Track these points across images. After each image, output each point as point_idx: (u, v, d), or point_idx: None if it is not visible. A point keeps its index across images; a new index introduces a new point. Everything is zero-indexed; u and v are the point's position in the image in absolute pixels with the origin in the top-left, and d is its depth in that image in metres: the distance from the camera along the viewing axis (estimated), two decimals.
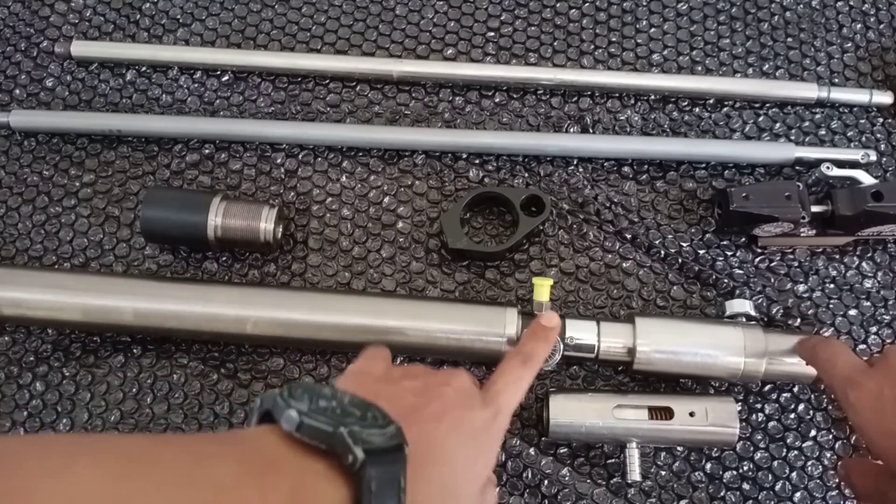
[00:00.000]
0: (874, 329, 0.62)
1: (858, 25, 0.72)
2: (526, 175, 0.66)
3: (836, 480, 0.59)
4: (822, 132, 0.68)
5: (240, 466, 0.31)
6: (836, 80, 0.70)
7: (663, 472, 0.59)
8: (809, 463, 0.59)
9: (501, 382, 0.44)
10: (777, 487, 0.59)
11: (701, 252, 0.64)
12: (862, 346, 0.62)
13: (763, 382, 0.60)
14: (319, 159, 0.67)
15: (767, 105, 0.69)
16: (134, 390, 0.61)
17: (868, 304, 0.63)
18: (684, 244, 0.64)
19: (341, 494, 0.32)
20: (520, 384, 0.45)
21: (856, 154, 0.65)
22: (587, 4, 0.72)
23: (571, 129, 0.68)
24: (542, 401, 0.57)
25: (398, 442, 0.34)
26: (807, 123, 0.68)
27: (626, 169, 0.67)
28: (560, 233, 0.65)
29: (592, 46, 0.71)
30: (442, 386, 0.42)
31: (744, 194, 0.60)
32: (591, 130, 0.68)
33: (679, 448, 0.59)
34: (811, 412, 0.60)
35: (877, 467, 0.51)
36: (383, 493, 0.32)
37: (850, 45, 0.71)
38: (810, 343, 0.55)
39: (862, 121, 0.68)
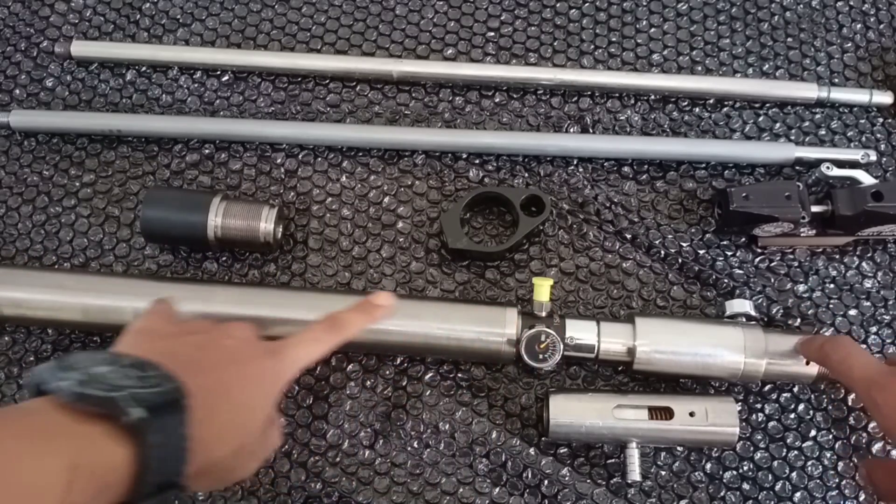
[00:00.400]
0: (874, 329, 0.62)
1: (858, 25, 0.72)
2: (526, 175, 0.66)
3: (836, 480, 0.59)
4: (822, 132, 0.68)
5: (17, 441, 0.33)
6: (836, 80, 0.70)
7: (663, 472, 0.59)
8: (809, 463, 0.59)
9: (297, 338, 0.47)
10: (777, 487, 0.59)
11: (701, 252, 0.64)
12: (862, 346, 0.62)
13: (763, 382, 0.60)
14: (319, 159, 0.67)
15: (767, 105, 0.69)
16: None
17: (868, 304, 0.63)
18: (684, 244, 0.64)
19: (124, 452, 0.34)
20: (317, 345, 0.48)
21: (856, 154, 0.65)
22: (587, 4, 0.72)
23: (571, 129, 0.68)
24: (542, 401, 0.57)
25: (176, 397, 0.36)
26: (807, 123, 0.68)
27: (626, 169, 0.67)
28: (560, 233, 0.65)
29: (592, 46, 0.71)
30: (224, 338, 0.45)
31: (744, 194, 0.60)
32: (591, 130, 0.68)
33: (679, 448, 0.59)
34: (811, 412, 0.60)
35: (893, 466, 0.52)
36: (166, 444, 0.35)
37: (850, 45, 0.71)
38: (816, 343, 0.55)
39: (862, 121, 0.68)
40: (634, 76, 0.68)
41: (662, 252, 0.64)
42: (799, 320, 0.62)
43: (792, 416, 0.60)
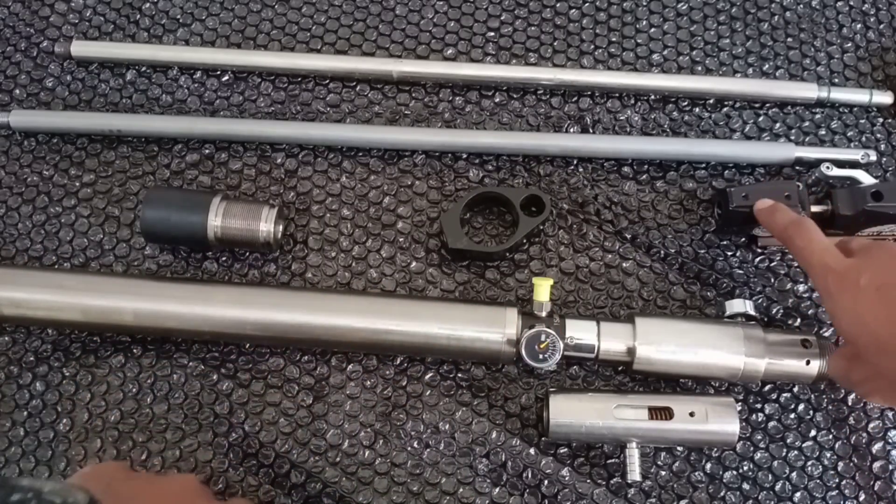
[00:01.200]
0: None
1: (858, 25, 0.72)
2: (526, 175, 0.66)
3: (837, 480, 0.59)
4: (822, 132, 0.68)
5: None
6: (836, 80, 0.70)
7: (663, 472, 0.59)
8: (809, 463, 0.59)
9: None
10: (777, 487, 0.59)
11: (701, 252, 0.64)
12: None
13: (763, 382, 0.60)
14: (319, 159, 0.67)
15: (767, 105, 0.69)
16: (134, 390, 0.61)
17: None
18: (684, 244, 0.64)
19: None
20: None
21: (856, 154, 0.65)
22: (587, 4, 0.72)
23: (571, 129, 0.68)
24: (542, 401, 0.57)
25: None
26: (807, 123, 0.68)
27: (626, 169, 0.67)
28: (560, 233, 0.65)
29: (592, 46, 0.71)
30: (167, 485, 0.48)
31: (744, 194, 0.60)
32: (591, 130, 0.68)
33: (679, 448, 0.59)
34: (811, 412, 0.60)
35: (846, 351, 0.53)
36: None
37: (850, 45, 0.71)
38: (780, 221, 0.55)
39: (862, 121, 0.68)
40: (634, 76, 0.68)
41: (662, 252, 0.64)
42: (799, 320, 0.62)
43: (792, 416, 0.60)
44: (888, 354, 0.46)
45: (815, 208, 0.60)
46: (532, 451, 0.59)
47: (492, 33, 0.71)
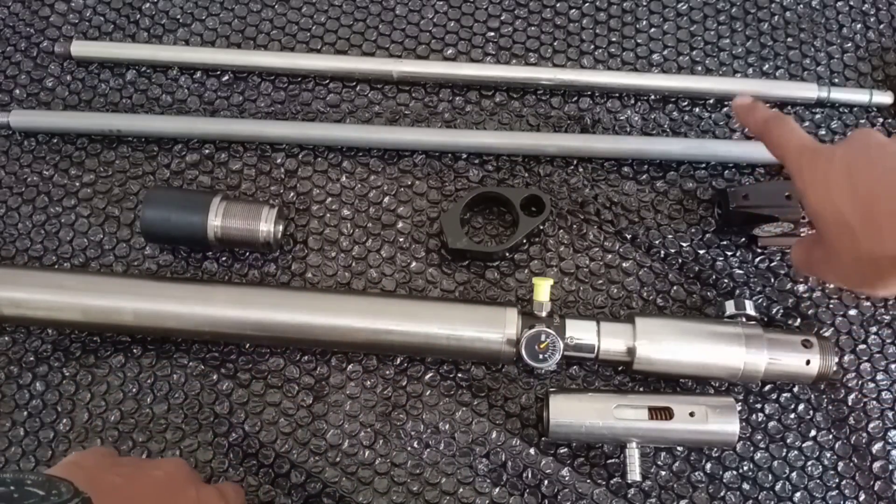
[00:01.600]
0: (874, 329, 0.62)
1: (858, 25, 0.72)
2: (526, 175, 0.66)
3: (837, 480, 0.59)
4: (822, 132, 0.68)
5: None
6: (836, 80, 0.70)
7: (663, 472, 0.59)
8: (809, 463, 0.59)
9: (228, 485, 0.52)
10: (777, 487, 0.59)
11: (701, 252, 0.64)
12: (862, 346, 0.62)
13: (763, 382, 0.60)
14: (319, 159, 0.67)
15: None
16: (134, 390, 0.61)
17: (868, 304, 0.63)
18: (684, 244, 0.64)
19: None
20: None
21: None
22: (587, 4, 0.72)
23: (571, 129, 0.68)
24: (542, 401, 0.57)
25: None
26: (807, 123, 0.68)
27: (626, 169, 0.67)
28: (560, 233, 0.65)
29: (592, 46, 0.71)
30: (153, 470, 0.47)
31: (744, 194, 0.60)
32: (591, 130, 0.68)
33: (679, 448, 0.59)
34: (811, 412, 0.60)
35: (811, 236, 0.53)
36: None
37: (850, 45, 0.71)
38: (759, 115, 0.54)
39: (862, 121, 0.68)
40: (634, 76, 0.68)
41: (662, 252, 0.64)
42: (799, 320, 0.62)
43: (792, 416, 0.60)
44: (850, 235, 0.45)
45: None
46: (532, 451, 0.59)
47: (492, 33, 0.71)
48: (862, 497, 0.58)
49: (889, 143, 0.47)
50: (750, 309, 0.58)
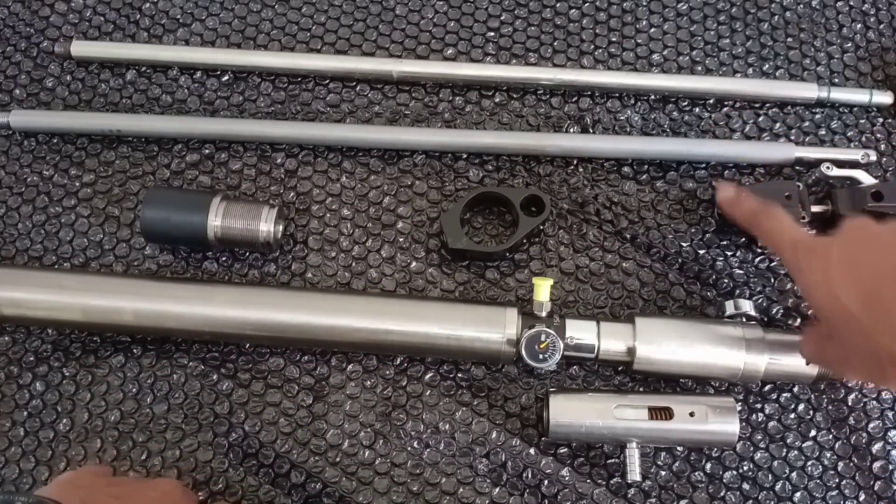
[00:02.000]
0: None
1: (858, 25, 0.72)
2: (526, 175, 0.66)
3: (837, 480, 0.59)
4: (822, 132, 0.68)
5: None
6: (836, 80, 0.70)
7: (663, 472, 0.59)
8: (809, 463, 0.59)
9: None
10: (777, 487, 0.59)
11: (701, 252, 0.64)
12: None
13: (763, 382, 0.60)
14: (319, 159, 0.67)
15: (767, 105, 0.69)
16: (134, 390, 0.61)
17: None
18: (684, 244, 0.64)
19: None
20: None
21: (856, 154, 0.65)
22: (587, 4, 0.72)
23: (571, 129, 0.68)
24: (542, 401, 0.57)
25: None
26: (807, 123, 0.68)
27: (626, 169, 0.67)
28: (560, 233, 0.65)
29: (592, 46, 0.71)
30: (146, 491, 0.47)
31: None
32: (591, 130, 0.68)
33: (679, 448, 0.59)
34: (811, 412, 0.60)
35: (820, 333, 0.52)
36: None
37: (850, 45, 0.71)
38: (747, 205, 0.55)
39: (862, 121, 0.68)
40: (634, 76, 0.68)
41: (662, 252, 0.64)
42: (799, 320, 0.62)
43: (792, 416, 0.60)
44: (860, 330, 0.44)
45: (815, 208, 0.60)
46: (532, 451, 0.59)
47: (492, 33, 0.71)
48: (862, 497, 0.58)
49: (884, 231, 0.46)
50: (750, 309, 0.58)
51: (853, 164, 0.64)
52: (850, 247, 0.46)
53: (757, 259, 0.64)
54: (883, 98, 0.67)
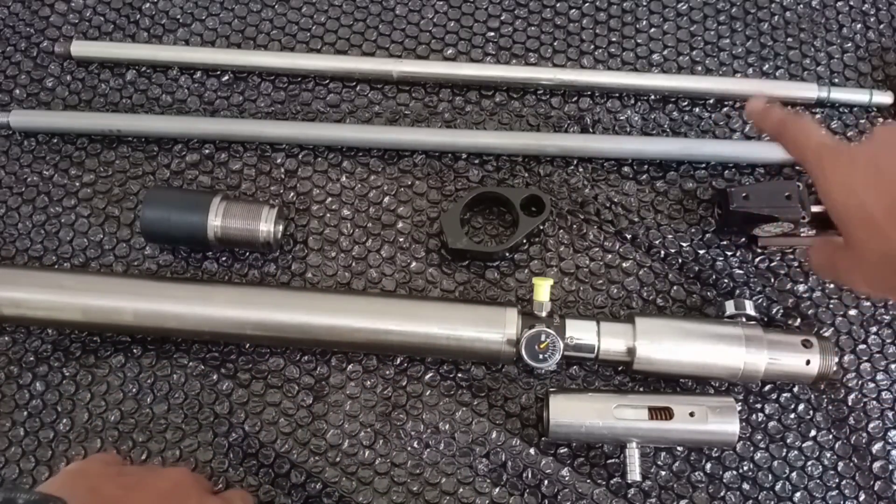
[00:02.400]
0: (874, 329, 0.62)
1: (858, 25, 0.72)
2: (526, 175, 0.66)
3: (837, 480, 0.59)
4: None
5: None
6: (836, 80, 0.70)
7: (663, 472, 0.59)
8: (809, 463, 0.59)
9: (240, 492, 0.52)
10: (777, 487, 0.59)
11: (701, 252, 0.64)
12: (862, 346, 0.62)
13: (763, 382, 0.60)
14: (319, 159, 0.67)
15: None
16: (134, 390, 0.61)
17: (868, 304, 0.63)
18: (684, 244, 0.64)
19: None
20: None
21: None
22: (587, 4, 0.72)
23: (571, 129, 0.68)
24: (542, 401, 0.57)
25: None
26: None
27: (626, 169, 0.67)
28: (560, 233, 0.65)
29: (592, 46, 0.71)
30: (157, 480, 0.47)
31: (744, 194, 0.60)
32: (591, 130, 0.68)
33: (679, 448, 0.59)
34: (811, 412, 0.60)
35: (832, 240, 0.51)
36: None
37: (850, 45, 0.71)
38: (775, 114, 0.52)
39: (862, 121, 0.68)
40: (634, 76, 0.68)
41: (662, 252, 0.64)
42: (799, 320, 0.62)
43: (792, 416, 0.60)
44: (878, 233, 0.43)
45: (815, 208, 0.60)
46: (532, 451, 0.59)
47: (492, 33, 0.71)
48: (862, 497, 0.58)
49: None
50: (750, 309, 0.58)
51: None
52: (879, 151, 0.45)
53: (757, 259, 0.64)
54: (883, 98, 0.67)
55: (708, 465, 0.59)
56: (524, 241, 0.63)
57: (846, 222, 0.46)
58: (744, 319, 0.58)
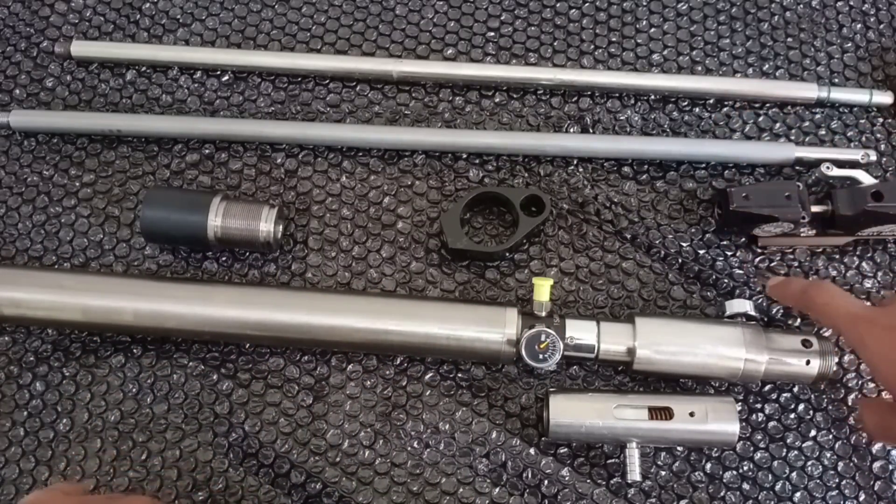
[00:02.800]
0: None
1: (858, 25, 0.72)
2: (526, 175, 0.66)
3: (837, 480, 0.59)
4: (822, 132, 0.68)
5: None
6: (836, 80, 0.70)
7: (663, 472, 0.59)
8: (809, 463, 0.59)
9: None
10: (777, 487, 0.59)
11: (701, 252, 0.64)
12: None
13: (763, 382, 0.60)
14: (319, 159, 0.67)
15: (767, 105, 0.69)
16: (134, 390, 0.61)
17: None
18: (684, 244, 0.64)
19: None
20: None
21: (856, 154, 0.65)
22: (587, 4, 0.72)
23: (571, 129, 0.68)
24: (542, 401, 0.57)
25: None
26: (807, 123, 0.68)
27: (626, 169, 0.67)
28: (560, 233, 0.65)
29: (592, 46, 0.71)
30: None
31: (744, 194, 0.60)
32: (591, 130, 0.68)
33: (679, 448, 0.59)
34: (811, 412, 0.60)
35: (889, 404, 0.52)
36: None
37: (850, 45, 0.71)
38: (796, 287, 0.54)
39: (862, 121, 0.68)
40: (634, 76, 0.68)
41: (662, 252, 0.64)
42: (799, 320, 0.62)
43: (792, 416, 0.60)
44: None
45: (815, 208, 0.60)
46: (532, 451, 0.59)
47: (492, 33, 0.71)
48: (862, 497, 0.58)
49: None
50: (750, 309, 0.58)
51: (853, 164, 0.64)
52: None
53: (757, 259, 0.64)
54: (883, 98, 0.67)
55: (708, 465, 0.59)
56: (524, 241, 0.63)
57: None
58: (744, 319, 0.58)
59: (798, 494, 0.58)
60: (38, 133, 0.68)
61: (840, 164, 0.63)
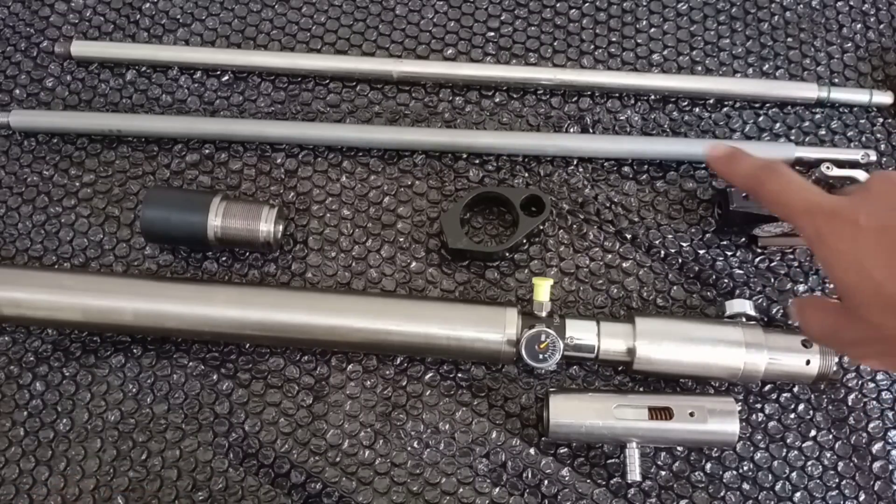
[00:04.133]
0: None
1: (858, 25, 0.72)
2: (526, 175, 0.66)
3: (837, 480, 0.59)
4: (822, 132, 0.68)
5: None
6: (836, 80, 0.70)
7: (663, 472, 0.59)
8: (809, 463, 0.59)
9: None
10: (777, 487, 0.59)
11: (701, 252, 0.64)
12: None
13: (763, 382, 0.60)
14: (319, 159, 0.67)
15: (767, 105, 0.69)
16: (134, 390, 0.61)
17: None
18: (684, 244, 0.64)
19: None
20: None
21: (856, 154, 0.65)
22: (587, 4, 0.72)
23: (571, 129, 0.68)
24: (542, 401, 0.57)
25: None
26: (807, 123, 0.68)
27: (626, 169, 0.67)
28: (560, 233, 0.65)
29: (592, 46, 0.71)
30: None
31: (744, 194, 0.60)
32: (591, 130, 0.68)
33: (679, 448, 0.59)
34: (811, 412, 0.60)
35: (835, 305, 0.44)
36: None
37: (850, 45, 0.71)
38: (746, 165, 0.46)
39: (862, 121, 0.68)
40: (634, 76, 0.68)
41: (662, 252, 0.64)
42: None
43: (792, 416, 0.60)
44: (891, 309, 0.38)
45: None
46: (532, 451, 0.59)
47: (492, 33, 0.71)
48: (862, 497, 0.58)
49: None
50: (750, 309, 0.58)
51: (853, 164, 0.64)
52: (882, 211, 0.39)
53: (757, 259, 0.64)
54: (883, 98, 0.67)
55: (708, 465, 0.59)
56: (524, 241, 0.63)
57: (854, 298, 0.40)
58: (744, 319, 0.58)
59: (798, 494, 0.58)
60: (38, 133, 0.68)
61: (840, 164, 0.62)
